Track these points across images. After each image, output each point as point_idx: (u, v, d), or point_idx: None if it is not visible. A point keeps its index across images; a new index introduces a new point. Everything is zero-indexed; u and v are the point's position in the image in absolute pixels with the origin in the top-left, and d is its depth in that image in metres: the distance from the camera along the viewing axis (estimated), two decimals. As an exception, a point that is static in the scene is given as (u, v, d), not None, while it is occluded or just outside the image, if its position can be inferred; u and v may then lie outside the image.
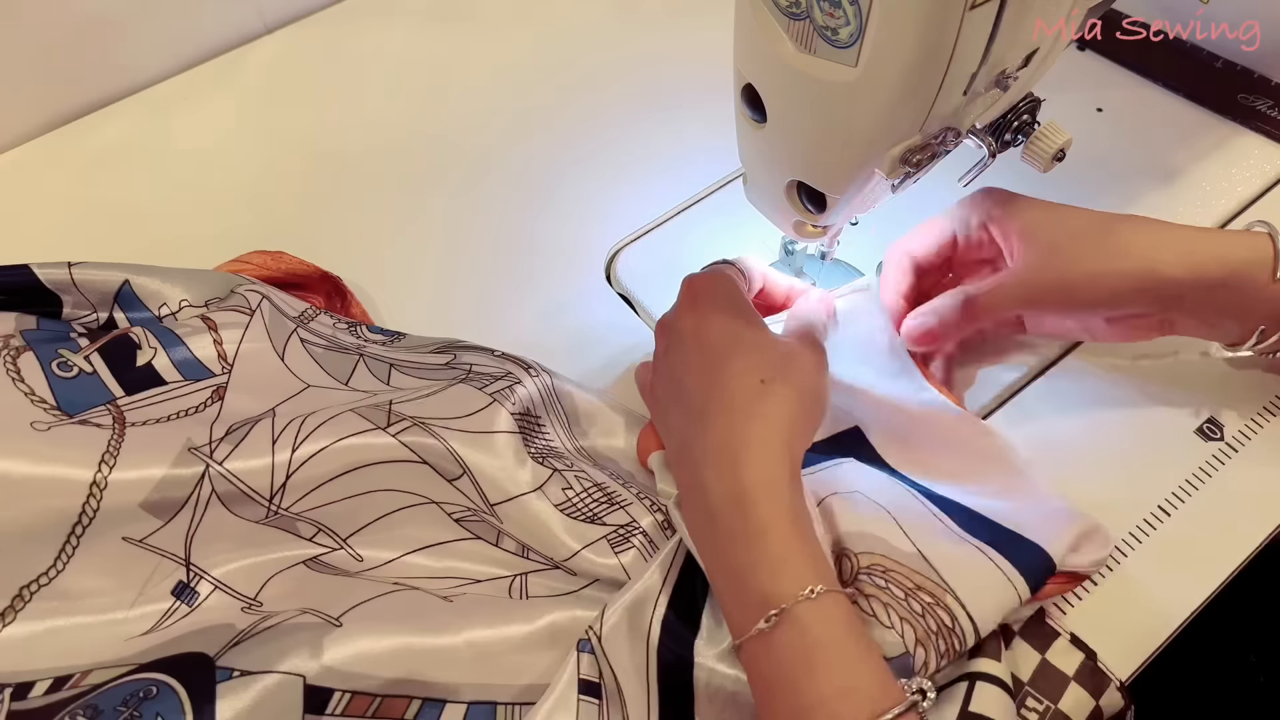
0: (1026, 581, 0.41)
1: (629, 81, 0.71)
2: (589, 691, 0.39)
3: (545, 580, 0.46)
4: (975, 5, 0.35)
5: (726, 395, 0.41)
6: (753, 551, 0.38)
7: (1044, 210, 0.48)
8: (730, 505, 0.39)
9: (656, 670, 0.40)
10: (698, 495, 0.40)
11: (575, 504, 0.46)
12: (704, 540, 0.41)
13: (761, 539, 0.38)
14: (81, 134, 0.68)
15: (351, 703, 0.39)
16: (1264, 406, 0.52)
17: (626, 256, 0.61)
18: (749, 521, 0.38)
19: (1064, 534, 0.42)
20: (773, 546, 0.38)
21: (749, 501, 0.38)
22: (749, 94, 0.44)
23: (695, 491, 0.41)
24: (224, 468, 0.43)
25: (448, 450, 0.45)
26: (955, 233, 0.51)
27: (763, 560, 0.37)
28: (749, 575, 0.38)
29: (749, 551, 0.38)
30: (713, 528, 0.39)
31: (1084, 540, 0.43)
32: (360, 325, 0.54)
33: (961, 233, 0.51)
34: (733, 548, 0.38)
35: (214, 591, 0.44)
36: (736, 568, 0.38)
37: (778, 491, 0.39)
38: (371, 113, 0.69)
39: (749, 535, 0.38)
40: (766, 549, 0.38)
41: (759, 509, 0.38)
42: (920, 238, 0.53)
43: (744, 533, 0.38)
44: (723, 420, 0.41)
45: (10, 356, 0.45)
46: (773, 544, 0.38)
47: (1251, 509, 0.48)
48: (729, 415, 0.41)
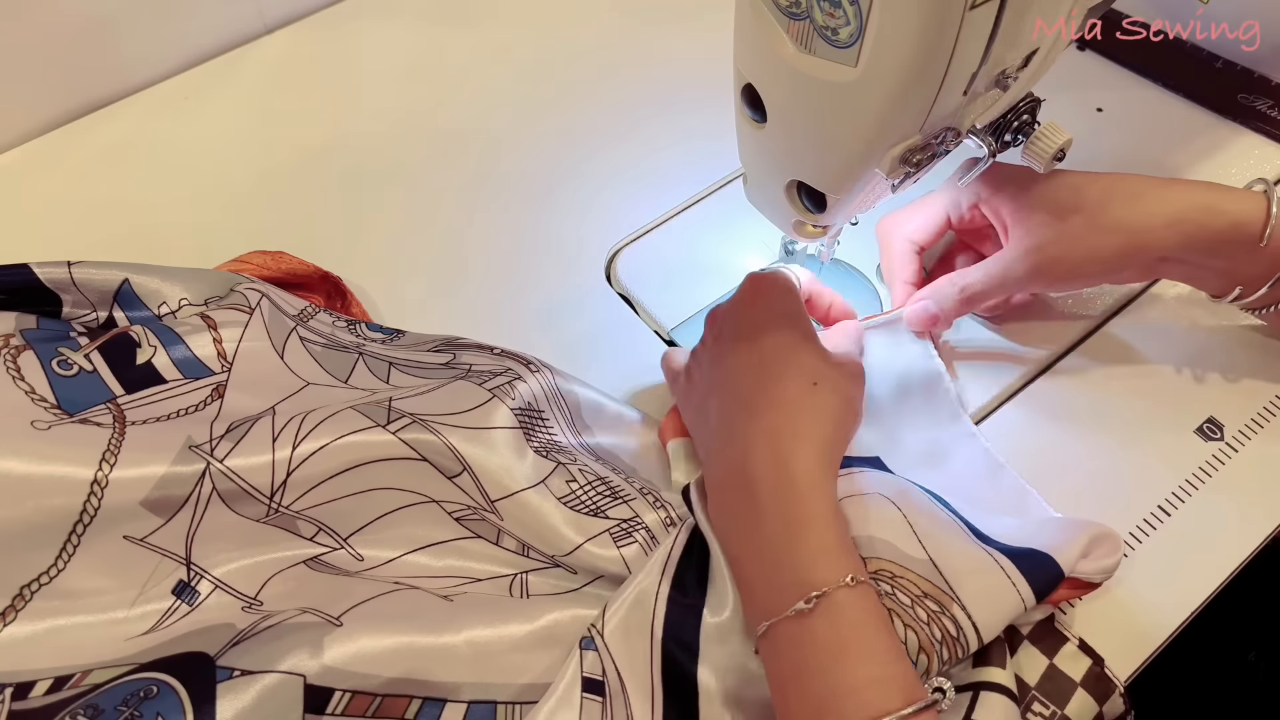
0: (1033, 589, 0.41)
1: (629, 81, 0.71)
2: (592, 689, 0.39)
3: (546, 579, 0.46)
4: (975, 5, 0.35)
5: (779, 391, 0.43)
6: (796, 538, 0.39)
7: (1033, 190, 0.49)
8: (778, 493, 0.40)
9: (660, 666, 0.40)
10: (740, 481, 0.41)
11: (579, 496, 0.46)
12: (740, 526, 0.41)
13: (807, 527, 0.39)
14: (81, 134, 0.68)
15: (352, 702, 0.39)
16: (1264, 406, 0.52)
17: (626, 256, 0.61)
18: (796, 510, 0.39)
19: (1075, 540, 0.42)
20: (816, 535, 0.39)
21: (797, 491, 0.40)
22: (749, 94, 0.44)
23: (738, 477, 0.41)
24: (224, 465, 0.43)
25: (447, 447, 0.45)
26: (949, 215, 0.52)
27: (805, 547, 0.38)
28: (789, 560, 0.38)
29: (793, 538, 0.39)
30: (755, 514, 0.40)
31: (1095, 545, 0.43)
32: (359, 323, 0.54)
33: (954, 214, 0.52)
34: (775, 534, 0.39)
35: (214, 591, 0.44)
36: (776, 553, 0.39)
37: (824, 485, 0.40)
38: (371, 113, 0.69)
39: (795, 523, 0.39)
40: (810, 537, 0.39)
41: (807, 499, 0.39)
42: (918, 222, 0.53)
43: (790, 520, 0.39)
44: (775, 414, 0.42)
45: (10, 355, 0.45)
46: (817, 533, 0.39)
47: (1251, 509, 0.48)
48: (782, 409, 0.42)
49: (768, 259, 0.60)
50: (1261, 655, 0.70)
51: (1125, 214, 0.47)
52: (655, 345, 0.57)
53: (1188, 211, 0.46)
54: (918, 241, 0.54)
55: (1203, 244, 0.47)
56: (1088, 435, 0.51)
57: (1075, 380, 0.54)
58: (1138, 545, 0.48)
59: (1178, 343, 0.55)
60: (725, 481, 0.43)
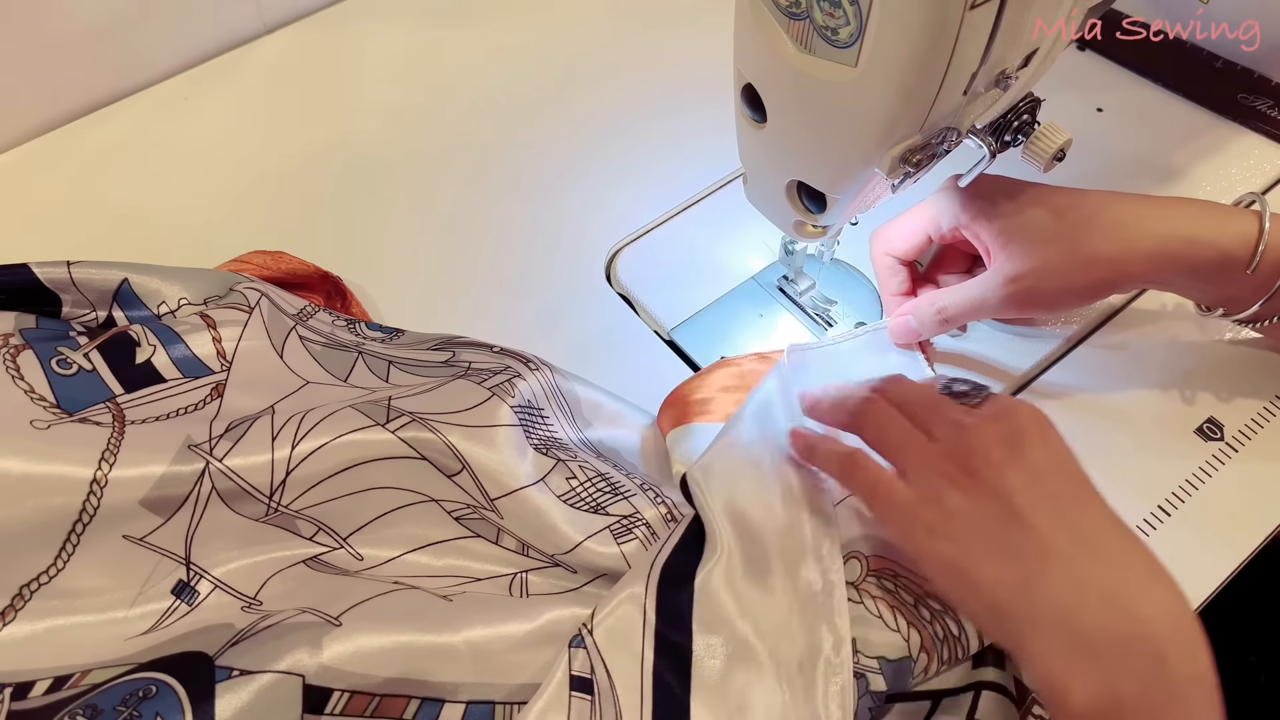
0: None
1: (629, 81, 0.71)
2: (581, 688, 0.39)
3: (545, 578, 0.46)
4: (975, 5, 0.35)
5: (1140, 556, 0.38)
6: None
7: (1011, 216, 0.48)
8: (1193, 674, 0.35)
9: (651, 667, 0.40)
10: (1153, 660, 0.35)
11: (579, 494, 0.46)
12: (1075, 658, 0.35)
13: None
14: (81, 134, 0.68)
15: (350, 702, 0.38)
16: (1264, 406, 0.52)
17: (626, 256, 0.61)
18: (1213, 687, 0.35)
19: None
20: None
21: (1203, 667, 0.35)
22: (749, 94, 0.44)
23: (1146, 655, 0.35)
24: (224, 464, 0.43)
25: (447, 445, 0.45)
26: (929, 234, 0.52)
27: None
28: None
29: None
30: (1162, 687, 0.34)
31: None
32: (359, 322, 0.54)
33: (935, 234, 0.52)
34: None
35: (214, 591, 0.44)
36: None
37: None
38: (371, 113, 0.69)
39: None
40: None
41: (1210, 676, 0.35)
42: (899, 239, 0.53)
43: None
44: (1153, 583, 0.37)
45: (10, 355, 0.45)
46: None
47: (1251, 509, 0.48)
48: (1154, 579, 0.37)
49: (768, 259, 0.60)
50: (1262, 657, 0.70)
51: (1105, 247, 0.46)
52: (655, 345, 0.57)
53: (1170, 244, 0.45)
54: (899, 257, 0.54)
55: (1185, 273, 0.46)
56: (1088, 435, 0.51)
57: (1075, 380, 0.54)
58: (1138, 545, 0.48)
59: (1178, 343, 0.55)
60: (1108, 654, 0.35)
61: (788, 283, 0.59)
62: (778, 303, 0.59)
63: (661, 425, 0.51)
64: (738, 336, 0.57)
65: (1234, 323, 0.50)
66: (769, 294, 0.59)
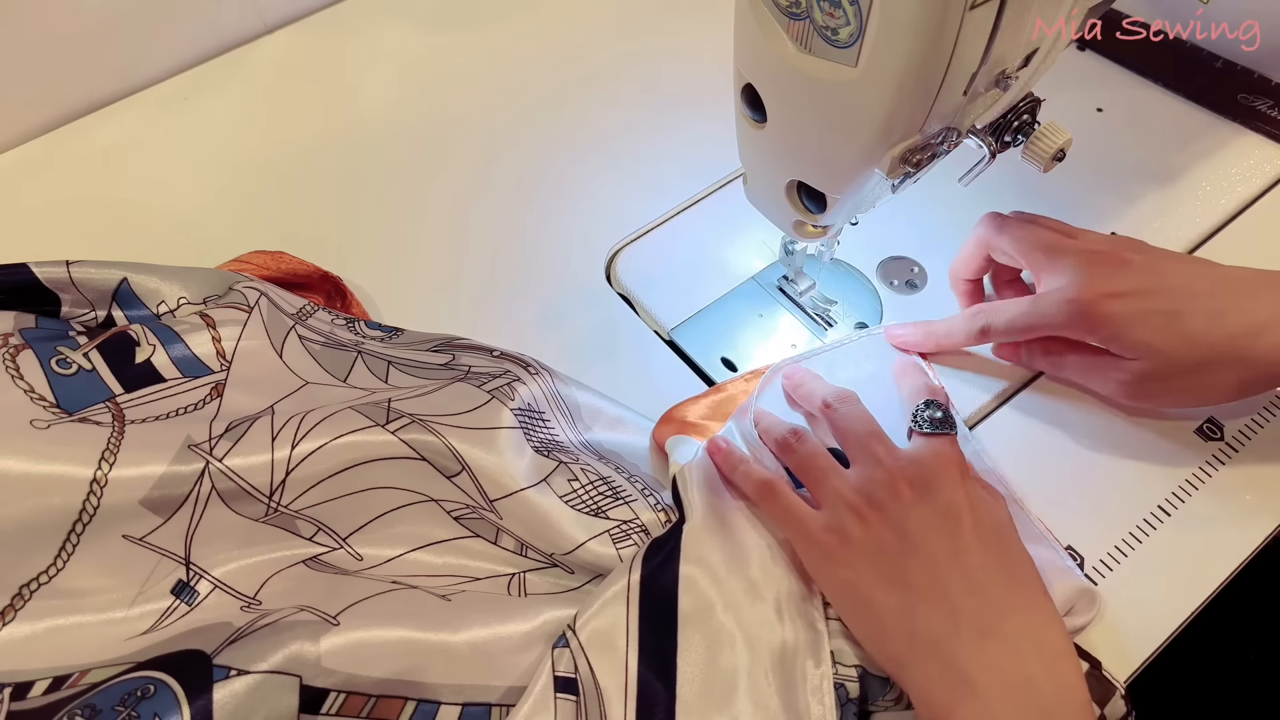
0: None
1: (629, 81, 0.71)
2: (565, 688, 0.39)
3: (544, 578, 0.46)
4: (975, 5, 0.35)
5: (1026, 595, 0.39)
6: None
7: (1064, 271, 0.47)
8: (1066, 701, 0.37)
9: (636, 660, 0.40)
10: (1023, 687, 0.37)
11: (580, 495, 0.46)
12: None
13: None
14: (81, 134, 0.68)
15: (347, 703, 0.38)
16: (1264, 407, 0.52)
17: (626, 256, 0.61)
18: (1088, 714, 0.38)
19: (1065, 596, 0.43)
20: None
21: (1080, 698, 0.38)
22: (749, 94, 0.44)
23: (1017, 681, 0.37)
24: (224, 464, 0.43)
25: (446, 447, 0.45)
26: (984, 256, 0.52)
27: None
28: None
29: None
30: (1037, 709, 0.37)
31: (1077, 599, 0.43)
32: (358, 321, 0.54)
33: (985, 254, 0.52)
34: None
35: (213, 590, 0.44)
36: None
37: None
38: (371, 113, 0.69)
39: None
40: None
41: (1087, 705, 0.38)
42: (960, 262, 0.54)
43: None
44: (1034, 618, 0.39)
45: (9, 354, 0.45)
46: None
47: (1251, 509, 0.48)
48: (1037, 616, 0.39)
49: (768, 259, 0.60)
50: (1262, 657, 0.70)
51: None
52: (655, 345, 0.57)
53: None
54: (963, 279, 0.54)
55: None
56: (1087, 435, 0.51)
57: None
58: (1138, 545, 0.48)
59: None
60: (979, 682, 0.37)
61: (788, 283, 0.59)
62: (778, 303, 0.59)
63: (659, 434, 0.51)
64: (738, 336, 0.57)
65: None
66: (769, 294, 0.59)
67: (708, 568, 0.43)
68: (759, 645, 0.41)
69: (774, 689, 0.40)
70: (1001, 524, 0.42)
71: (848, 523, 0.42)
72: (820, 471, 0.44)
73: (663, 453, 0.50)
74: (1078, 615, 0.43)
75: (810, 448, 0.46)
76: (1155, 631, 0.45)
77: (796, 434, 0.46)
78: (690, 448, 0.49)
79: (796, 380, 0.51)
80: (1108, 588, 0.46)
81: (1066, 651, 0.38)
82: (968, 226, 0.52)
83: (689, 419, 0.51)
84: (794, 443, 0.46)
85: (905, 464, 0.43)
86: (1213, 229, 0.60)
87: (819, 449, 0.45)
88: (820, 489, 0.44)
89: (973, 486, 0.43)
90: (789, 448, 0.46)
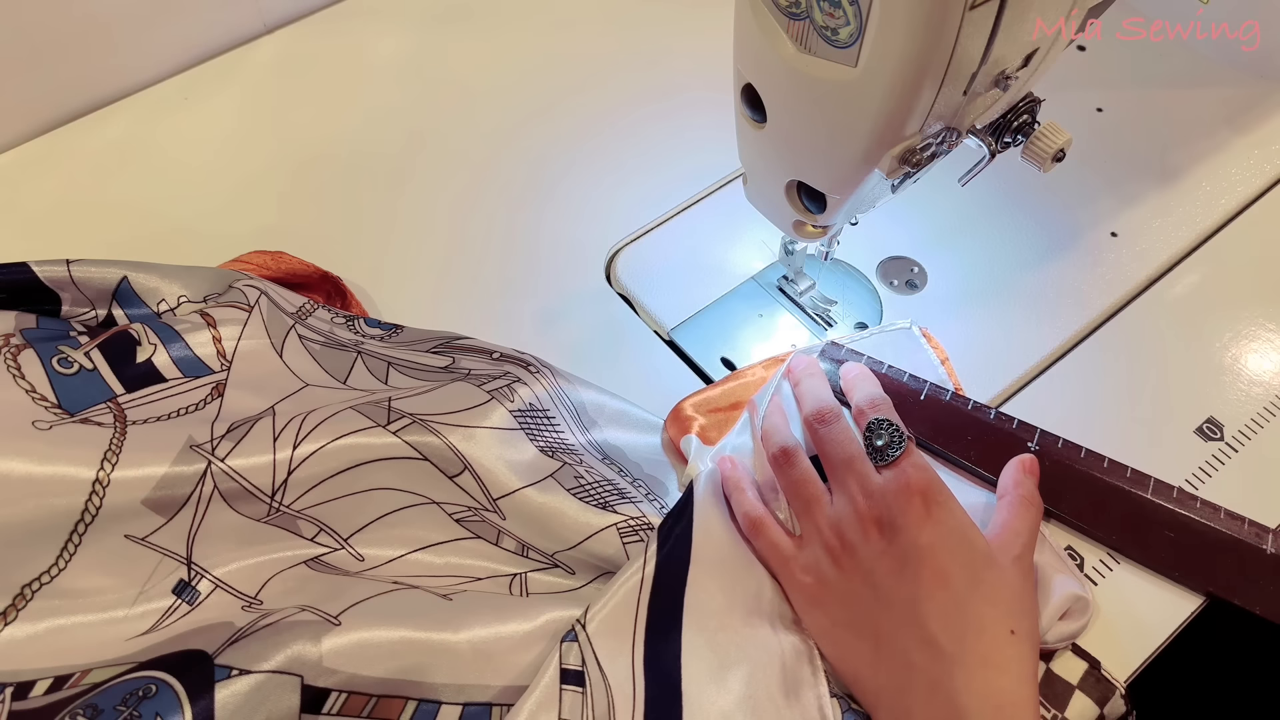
0: None
1: (629, 81, 0.71)
2: (572, 681, 0.40)
3: (545, 578, 0.46)
4: (975, 5, 0.35)
5: (982, 646, 0.39)
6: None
7: None
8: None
9: (643, 654, 0.40)
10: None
11: (589, 490, 0.46)
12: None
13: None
14: (81, 134, 0.68)
15: (348, 703, 0.39)
16: (1264, 407, 0.52)
17: (626, 256, 0.61)
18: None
19: (1060, 600, 0.43)
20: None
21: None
22: (749, 94, 0.44)
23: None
24: (226, 465, 0.44)
25: (448, 446, 0.45)
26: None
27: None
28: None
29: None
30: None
31: (1071, 604, 0.43)
32: (357, 319, 0.54)
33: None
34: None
35: (215, 590, 0.44)
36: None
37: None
38: (371, 113, 0.69)
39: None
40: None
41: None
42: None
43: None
44: (988, 673, 0.39)
45: (10, 354, 0.45)
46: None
47: (1251, 509, 0.48)
48: (991, 669, 0.39)
49: (768, 259, 0.60)
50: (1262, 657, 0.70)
51: None
52: (655, 345, 0.57)
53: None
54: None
55: None
56: (1087, 435, 0.51)
57: (1074, 380, 0.54)
58: (1137, 545, 0.48)
59: (1178, 342, 0.55)
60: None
61: (788, 283, 0.59)
62: (778, 303, 0.59)
63: (670, 431, 0.51)
64: (738, 336, 0.57)
65: None
66: (769, 294, 0.59)
67: (716, 566, 0.43)
68: (768, 642, 0.42)
69: (777, 684, 0.41)
70: (971, 558, 0.41)
71: (824, 565, 0.43)
72: (804, 502, 0.45)
73: (677, 449, 0.51)
74: (1072, 620, 0.43)
75: (799, 473, 0.46)
76: (1155, 631, 0.45)
77: (787, 454, 0.46)
78: (706, 452, 0.50)
79: (797, 376, 0.51)
80: (1107, 588, 0.46)
81: (1018, 701, 0.38)
82: (968, 226, 0.52)
83: (702, 416, 0.51)
84: (784, 464, 0.46)
85: (876, 498, 0.43)
86: (1213, 229, 0.60)
87: (807, 474, 0.46)
88: (804, 519, 0.45)
89: (941, 515, 0.42)
90: (780, 467, 0.46)
